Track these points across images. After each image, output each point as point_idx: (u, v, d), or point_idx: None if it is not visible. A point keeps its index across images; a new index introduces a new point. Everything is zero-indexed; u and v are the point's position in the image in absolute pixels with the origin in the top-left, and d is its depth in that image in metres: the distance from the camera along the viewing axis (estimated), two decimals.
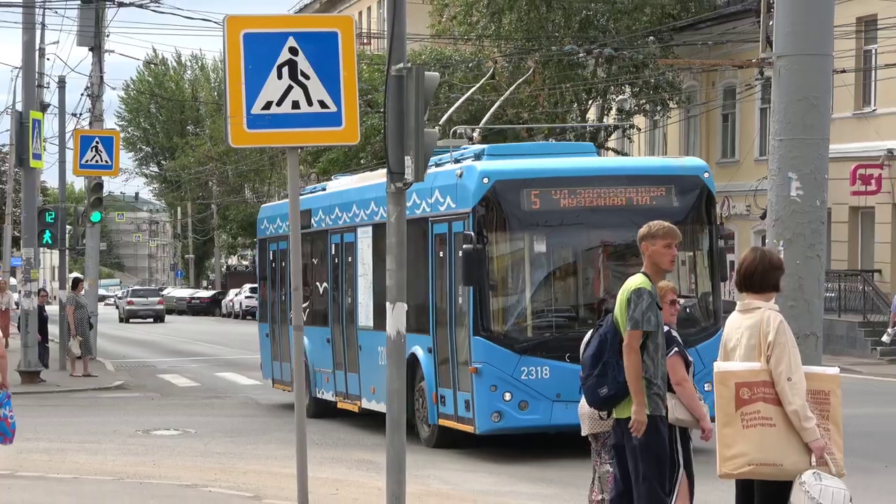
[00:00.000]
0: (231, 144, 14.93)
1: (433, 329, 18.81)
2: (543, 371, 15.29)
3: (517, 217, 16.74)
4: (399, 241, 15.41)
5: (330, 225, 24.01)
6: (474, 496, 17.19)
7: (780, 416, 9.45)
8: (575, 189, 16.99)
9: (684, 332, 15.74)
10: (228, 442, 23.36)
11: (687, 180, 17.74)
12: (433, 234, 18.71)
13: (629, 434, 11.14)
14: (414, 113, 14.57)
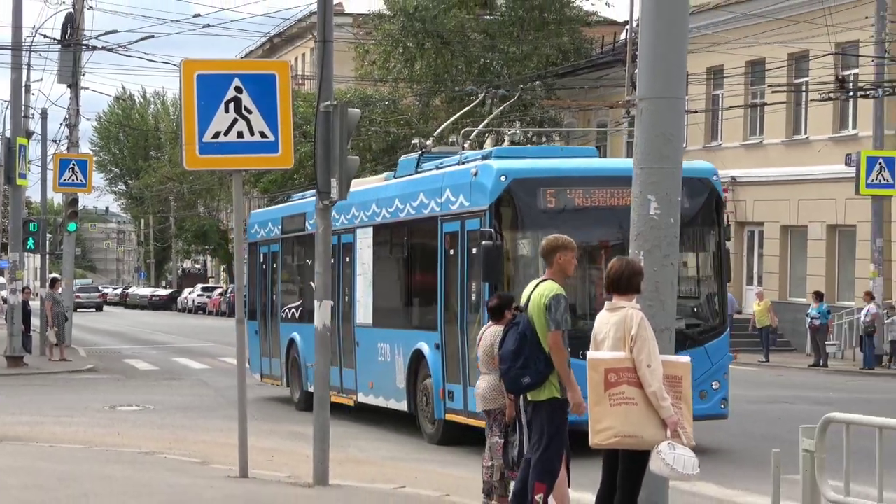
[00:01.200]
0: (186, 167, 14.99)
1: (442, 326, 17.02)
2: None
3: (532, 215, 15.37)
4: (326, 249, 15.53)
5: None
6: (382, 461, 17.27)
7: (641, 397, 9.55)
8: (589, 189, 15.69)
9: (694, 331, 15.72)
10: (182, 417, 23.16)
11: (697, 182, 16.24)
12: (443, 233, 16.89)
13: (539, 412, 11.27)
14: (339, 142, 14.69)
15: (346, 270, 21.15)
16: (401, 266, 18.54)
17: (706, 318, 16.30)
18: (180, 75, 14.49)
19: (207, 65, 14.76)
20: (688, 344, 15.18)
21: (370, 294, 20.41)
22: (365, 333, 20.88)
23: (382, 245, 19.20)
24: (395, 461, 17.24)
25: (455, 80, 52.27)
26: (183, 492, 14.14)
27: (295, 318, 23.60)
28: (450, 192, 16.48)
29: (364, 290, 20.64)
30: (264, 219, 25.98)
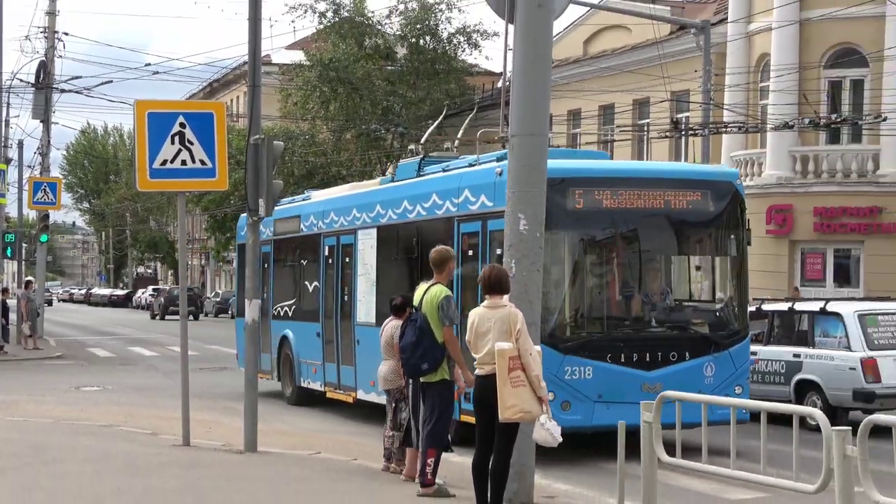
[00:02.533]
0: (139, 189, 14.94)
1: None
2: (587, 371, 12.10)
3: (562, 215, 12.92)
4: (254, 258, 15.38)
5: (323, 229, 19.94)
6: (305, 433, 17.05)
7: (526, 379, 9.58)
8: (617, 190, 13.48)
9: (718, 335, 14.20)
10: (136, 395, 22.82)
11: (721, 185, 14.31)
12: (460, 233, 14.63)
13: (433, 391, 11.37)
14: (266, 169, 14.70)
15: (346, 270, 19.07)
16: (409, 265, 16.72)
17: (731, 322, 14.40)
18: (134, 113, 14.52)
19: (156, 104, 14.80)
20: (711, 349, 13.88)
21: (373, 293, 17.78)
22: (366, 332, 17.72)
23: (387, 245, 17.41)
24: (317, 433, 17.12)
25: (362, 119, 52.30)
26: (136, 457, 14.03)
27: (287, 316, 21.87)
28: (469, 192, 14.42)
29: (366, 289, 18.14)
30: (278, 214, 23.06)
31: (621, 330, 13.40)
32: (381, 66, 53.36)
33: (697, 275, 13.63)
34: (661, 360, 13.00)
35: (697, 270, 13.93)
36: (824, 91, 38.28)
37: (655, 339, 13.28)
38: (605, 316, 13.55)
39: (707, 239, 14.13)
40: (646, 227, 13.84)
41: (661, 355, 13.00)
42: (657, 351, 13.01)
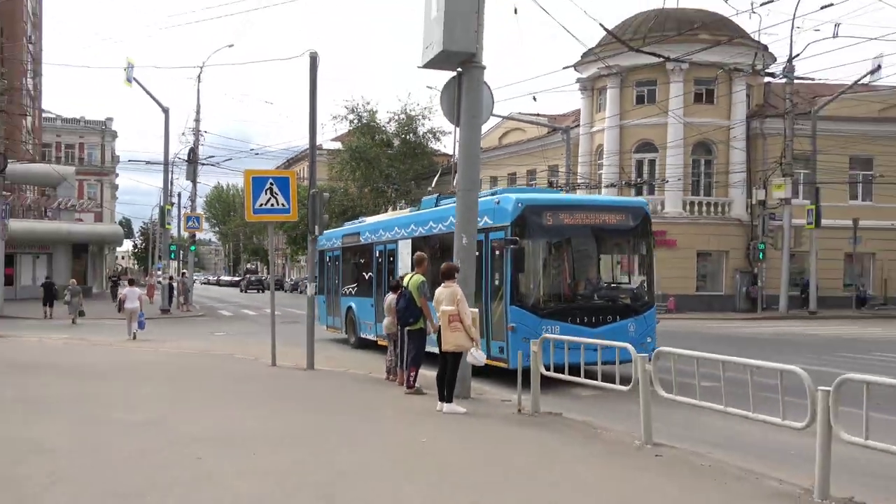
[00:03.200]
0: (247, 219, 14.87)
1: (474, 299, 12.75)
2: (555, 328, 11.79)
3: (538, 229, 12.80)
4: (312, 259, 15.38)
5: (374, 239, 18.82)
6: (342, 358, 16.88)
7: (462, 327, 9.56)
8: (573, 212, 13.25)
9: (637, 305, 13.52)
10: (245, 337, 22.62)
11: (637, 209, 13.90)
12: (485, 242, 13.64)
13: (413, 336, 11.34)
14: (318, 209, 14.71)
15: (390, 266, 17.51)
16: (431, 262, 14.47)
17: (643, 297, 13.71)
18: (244, 177, 14.51)
19: (256, 172, 14.75)
20: (632, 314, 13.30)
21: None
22: None
23: (419, 250, 15.02)
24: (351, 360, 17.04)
25: (374, 181, 52.75)
26: (242, 370, 14.13)
27: (352, 294, 20.27)
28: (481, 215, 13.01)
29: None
30: (329, 235, 22.05)
31: (576, 302, 13.06)
32: (385, 151, 53.43)
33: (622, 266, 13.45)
34: (601, 321, 12.73)
35: (622, 264, 13.71)
36: (633, 166, 38.68)
37: (597, 307, 12.99)
38: (566, 293, 13.19)
39: (629, 243, 13.88)
40: (589, 236, 13.52)
41: (601, 317, 12.77)
42: (599, 315, 12.78)
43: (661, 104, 37.22)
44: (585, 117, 41.97)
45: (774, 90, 37.82)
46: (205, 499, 5.83)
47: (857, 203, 37.85)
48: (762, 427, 7.16)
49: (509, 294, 12.49)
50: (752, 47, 33.73)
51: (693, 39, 34.52)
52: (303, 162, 79.03)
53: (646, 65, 34.91)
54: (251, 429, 8.57)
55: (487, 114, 11.68)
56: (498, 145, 50.50)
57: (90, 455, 7.26)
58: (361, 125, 54.39)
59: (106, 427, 8.55)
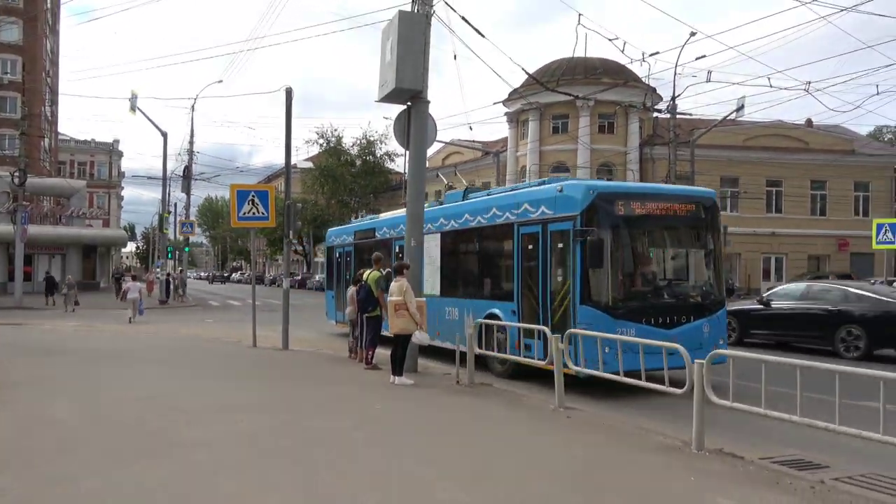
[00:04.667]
0: (232, 225, 14.50)
1: (518, 297, 10.38)
2: (630, 331, 9.04)
3: (611, 219, 9.60)
4: (287, 260, 15.04)
5: (394, 234, 15.11)
6: (319, 341, 16.61)
7: (408, 314, 9.50)
8: (645, 202, 9.91)
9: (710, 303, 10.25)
10: (231, 323, 22.09)
11: (707, 199, 10.61)
12: (519, 234, 10.55)
13: (371, 322, 11.16)
14: (293, 218, 14.46)
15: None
16: (469, 257, 12.52)
17: (715, 294, 10.45)
18: (231, 190, 14.17)
19: (241, 186, 14.28)
20: (706, 313, 10.08)
21: (438, 276, 13.08)
22: (432, 301, 12.47)
23: (448, 243, 12.99)
24: (323, 341, 16.80)
25: (339, 195, 51.99)
26: (227, 351, 13.73)
27: None
28: (528, 205, 10.43)
29: (432, 273, 13.11)
30: (338, 232, 18.80)
31: (650, 301, 9.90)
32: (349, 169, 52.92)
33: (693, 261, 10.66)
34: (676, 321, 9.73)
35: (693, 258, 10.76)
36: None
37: (672, 307, 9.90)
38: (639, 291, 10.00)
39: (700, 235, 10.61)
40: (661, 228, 10.37)
41: (676, 318, 9.78)
42: (674, 315, 9.80)
43: (572, 133, 37.74)
44: (512, 143, 42.28)
45: (661, 123, 38.58)
46: (194, 460, 5.67)
47: (727, 213, 38.75)
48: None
49: (579, 292, 9.34)
50: (643, 89, 34.40)
51: (597, 82, 35.17)
52: (280, 178, 78.12)
53: (560, 102, 35.36)
54: (233, 399, 8.38)
55: (432, 140, 11.65)
56: (441, 165, 50.55)
57: (94, 426, 7.01)
58: (329, 148, 54.05)
59: (108, 401, 8.28)
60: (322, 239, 60.35)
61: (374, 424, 7.13)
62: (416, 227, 11.11)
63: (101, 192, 76.16)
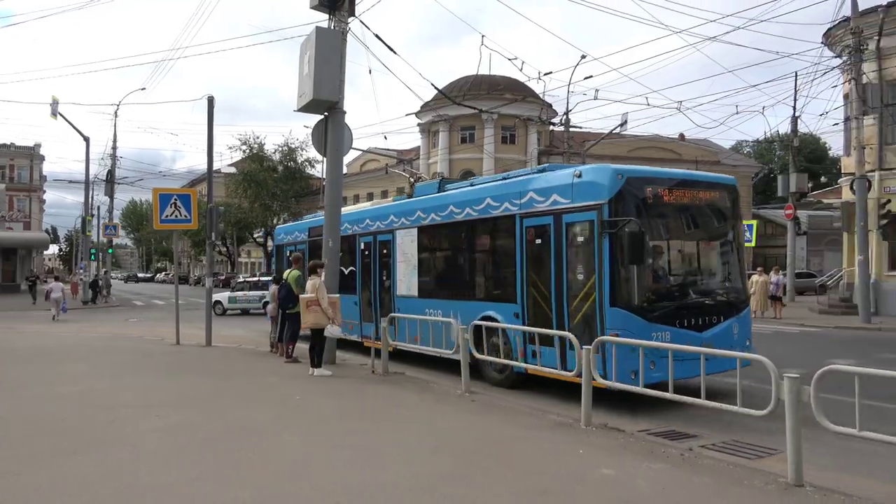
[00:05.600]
0: (155, 228, 13.82)
1: (523, 298, 8.54)
2: (665, 335, 7.41)
3: (642, 208, 7.71)
4: (210, 258, 14.40)
5: (358, 231, 12.70)
6: (244, 337, 16.10)
7: (321, 309, 9.31)
8: (673, 189, 8.03)
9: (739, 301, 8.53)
10: (154, 322, 21.04)
11: (731, 187, 8.77)
12: (523, 227, 8.64)
13: (291, 318, 10.82)
14: (215, 220, 13.86)
15: (384, 259, 11.94)
16: (455, 253, 10.35)
17: (741, 291, 8.73)
18: (153, 193, 13.47)
19: (163, 190, 13.67)
20: (735, 312, 8.34)
21: (415, 274, 11.02)
22: (405, 301, 11.07)
23: (427, 239, 10.93)
24: (249, 337, 16.26)
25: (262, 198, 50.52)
26: (151, 349, 12.99)
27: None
28: (535, 194, 8.51)
29: (406, 272, 11.22)
30: (290, 229, 16.00)
31: (683, 300, 8.06)
32: (271, 175, 51.41)
33: (722, 254, 8.84)
34: (708, 323, 7.98)
35: (721, 251, 8.85)
36: None
37: (704, 307, 8.11)
38: (673, 290, 8.17)
39: (726, 227, 8.76)
40: (691, 218, 8.46)
41: (708, 319, 8.00)
42: (706, 316, 8.01)
43: (478, 144, 38.24)
44: (424, 152, 42.42)
45: (557, 135, 39.67)
46: (115, 458, 5.37)
47: None
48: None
49: (608, 292, 7.47)
50: (540, 104, 35.27)
51: (499, 97, 35.86)
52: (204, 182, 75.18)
53: (467, 114, 35.74)
54: (155, 395, 7.99)
55: (348, 148, 11.50)
56: (359, 171, 50.25)
57: (23, 422, 6.53)
58: (252, 154, 52.46)
59: (27, 399, 7.73)
60: (245, 241, 59.03)
61: (293, 413, 6.98)
62: (333, 229, 10.95)
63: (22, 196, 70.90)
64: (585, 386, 6.36)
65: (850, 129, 20.45)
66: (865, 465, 5.39)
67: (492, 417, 6.76)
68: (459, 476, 4.75)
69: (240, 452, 5.37)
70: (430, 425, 6.45)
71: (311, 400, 7.73)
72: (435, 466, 4.99)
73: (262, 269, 55.96)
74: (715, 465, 5.13)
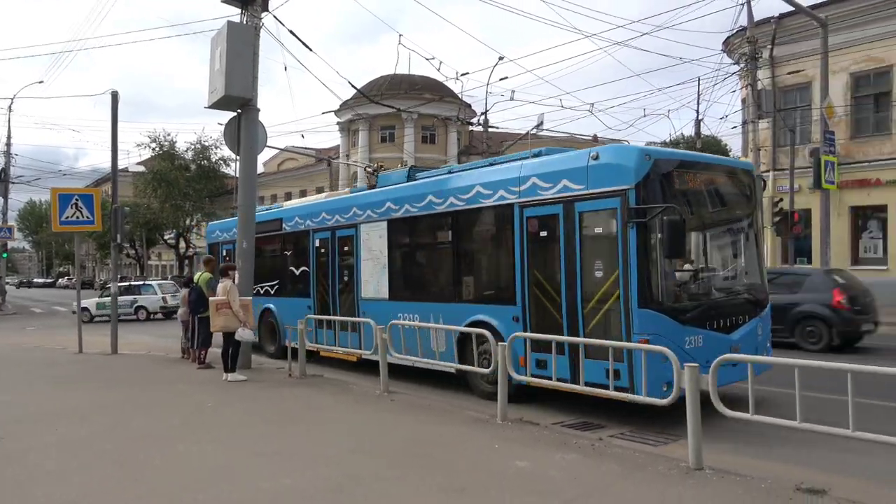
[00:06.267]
0: (54, 230, 12.99)
1: (525, 300, 7.30)
2: (698, 339, 6.45)
3: (671, 195, 6.50)
4: (114, 262, 13.70)
5: (312, 226, 11.21)
6: (153, 344, 15.36)
7: (231, 312, 9.05)
8: (699, 173, 7.01)
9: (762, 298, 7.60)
10: (55, 329, 19.75)
11: (751, 173, 7.68)
12: (524, 218, 7.42)
13: (202, 322, 10.39)
14: (120, 221, 13.23)
15: (345, 257, 10.39)
16: (436, 249, 8.93)
17: (764, 287, 7.82)
18: (52, 194, 12.61)
19: (63, 190, 12.81)
20: (759, 311, 7.45)
21: (384, 274, 9.53)
22: (371, 305, 9.67)
23: (397, 234, 9.45)
24: (158, 344, 15.54)
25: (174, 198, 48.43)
26: (53, 359, 12.19)
27: (272, 294, 12.19)
28: (538, 179, 7.30)
29: (373, 271, 9.72)
30: (227, 225, 13.89)
31: (713, 299, 7.07)
32: (183, 174, 49.33)
33: (745, 247, 7.76)
34: (735, 323, 7.03)
35: (745, 243, 7.75)
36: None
37: (732, 305, 7.14)
38: (704, 287, 7.14)
39: (749, 216, 7.70)
40: (718, 207, 7.41)
41: (736, 319, 7.05)
42: (734, 316, 7.06)
43: (399, 143, 38.20)
44: (344, 150, 41.96)
45: (476, 135, 40.20)
46: (6, 474, 5.01)
47: None
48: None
49: (636, 291, 6.35)
50: (458, 104, 35.61)
51: (419, 97, 35.97)
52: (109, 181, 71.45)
53: (387, 114, 35.62)
54: (54, 407, 7.52)
55: (262, 146, 11.20)
56: (277, 170, 49.12)
57: None
58: (163, 152, 50.23)
59: None
60: (156, 242, 56.41)
61: (204, 421, 6.74)
62: (248, 229, 10.64)
63: None
64: (501, 382, 6.50)
65: (747, 132, 21.82)
66: (765, 448, 5.73)
67: (411, 416, 6.77)
68: (377, 476, 4.72)
69: (146, 464, 5.14)
70: (348, 426, 6.38)
71: (224, 406, 7.48)
72: (352, 468, 4.94)
73: (175, 272, 53.73)
74: (623, 453, 5.34)
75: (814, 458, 5.40)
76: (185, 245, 53.08)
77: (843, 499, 4.20)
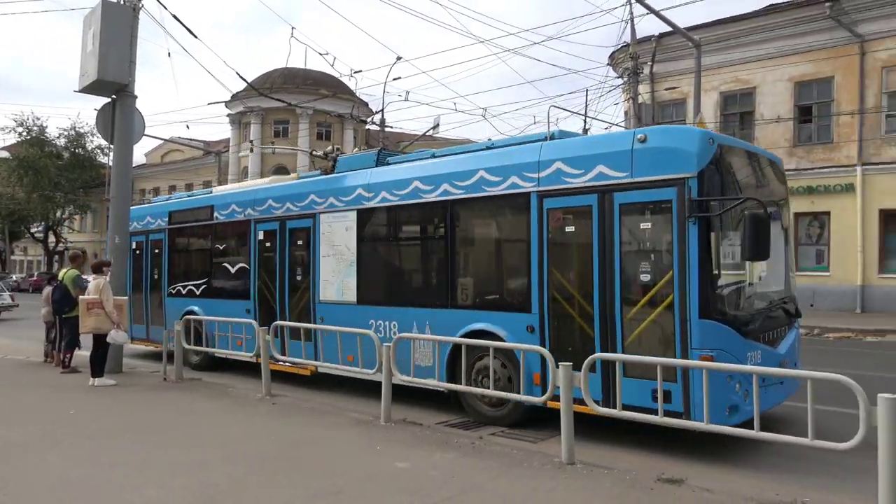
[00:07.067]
0: None
1: (543, 307, 6.09)
2: (756, 355, 5.37)
3: (734, 185, 5.55)
4: None
5: (254, 216, 9.43)
6: (12, 346, 14.05)
7: (104, 313, 8.51)
8: (756, 164, 6.18)
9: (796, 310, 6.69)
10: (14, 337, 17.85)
11: (782, 166, 6.87)
12: (543, 210, 6.16)
13: (69, 322, 9.62)
14: None
15: (297, 252, 8.83)
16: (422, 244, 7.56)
17: (795, 295, 6.89)
18: None
19: None
20: (795, 321, 6.61)
21: (352, 273, 8.00)
22: (331, 309, 8.19)
23: (368, 226, 7.98)
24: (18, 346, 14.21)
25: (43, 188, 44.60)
26: None
27: (194, 294, 10.54)
28: (563, 164, 6.10)
29: (335, 269, 8.22)
30: (140, 213, 11.81)
31: (766, 309, 6.09)
32: (54, 161, 45.63)
33: (785, 249, 6.80)
34: (780, 335, 6.15)
35: (784, 244, 6.73)
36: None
37: (777, 315, 6.25)
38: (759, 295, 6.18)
39: (786, 214, 6.82)
40: (769, 201, 6.08)
41: (780, 331, 6.18)
42: (778, 326, 6.15)
43: (293, 138, 37.32)
44: (234, 144, 40.43)
45: (373, 134, 39.97)
46: None
47: None
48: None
49: (696, 299, 5.31)
50: (354, 101, 35.32)
51: (314, 92, 35.31)
52: None
53: (281, 107, 34.78)
54: None
55: (139, 136, 10.58)
56: (160, 162, 46.51)
57: None
58: (31, 137, 46.16)
59: None
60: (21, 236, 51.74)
61: (65, 430, 6.25)
62: (121, 224, 10.03)
63: None
64: (385, 383, 6.49)
65: None
66: (636, 443, 6.04)
67: (292, 420, 6.61)
68: (251, 483, 4.57)
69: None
70: (224, 432, 6.14)
71: (89, 414, 6.98)
72: (223, 475, 4.75)
73: (43, 269, 49.58)
74: (501, 451, 5.48)
75: (675, 451, 5.78)
76: (54, 239, 49.09)
77: (698, 487, 4.52)
